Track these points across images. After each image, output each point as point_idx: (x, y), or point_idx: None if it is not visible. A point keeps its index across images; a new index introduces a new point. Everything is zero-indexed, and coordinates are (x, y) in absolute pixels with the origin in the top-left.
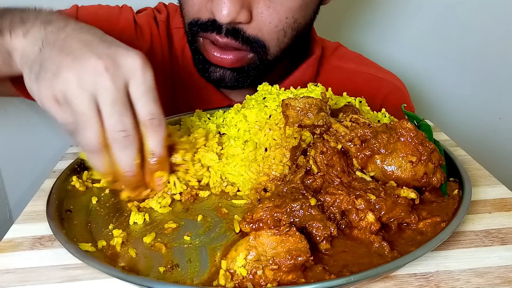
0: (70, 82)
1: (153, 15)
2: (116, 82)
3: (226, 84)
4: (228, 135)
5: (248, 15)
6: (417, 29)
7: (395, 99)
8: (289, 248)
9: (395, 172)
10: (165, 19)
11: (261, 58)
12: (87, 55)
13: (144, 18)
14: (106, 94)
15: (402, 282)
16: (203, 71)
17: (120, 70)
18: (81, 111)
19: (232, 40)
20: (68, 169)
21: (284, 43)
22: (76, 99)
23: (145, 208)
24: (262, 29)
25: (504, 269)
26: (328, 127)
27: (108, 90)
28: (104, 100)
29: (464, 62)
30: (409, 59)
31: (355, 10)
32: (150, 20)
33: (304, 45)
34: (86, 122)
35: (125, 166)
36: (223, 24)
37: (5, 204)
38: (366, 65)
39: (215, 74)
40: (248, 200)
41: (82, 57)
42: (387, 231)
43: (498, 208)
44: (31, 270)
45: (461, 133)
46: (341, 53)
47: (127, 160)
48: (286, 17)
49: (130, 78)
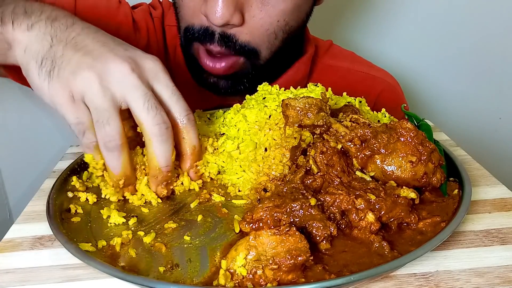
0: (93, 82)
1: (148, 11)
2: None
3: (220, 91)
4: (228, 135)
5: (241, 18)
6: (417, 27)
7: (388, 97)
8: (289, 248)
9: (395, 172)
10: (160, 15)
11: (253, 63)
12: (109, 55)
13: (141, 14)
14: (137, 91)
15: (402, 282)
16: (197, 77)
17: (145, 72)
18: (104, 108)
19: (225, 49)
20: (68, 169)
21: (275, 46)
22: (98, 97)
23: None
24: (253, 33)
25: (504, 269)
26: (328, 127)
27: (139, 88)
28: (136, 98)
29: (464, 62)
30: (409, 59)
31: (349, 8)
32: (147, 16)
33: (297, 44)
34: (109, 117)
35: (163, 160)
36: (216, 30)
37: (5, 204)
38: (359, 64)
39: (209, 80)
40: (248, 200)
41: (104, 57)
42: (387, 231)
43: (498, 208)
44: (31, 270)
45: (461, 133)
46: (334, 52)
47: (165, 154)
48: (277, 20)
49: (154, 80)
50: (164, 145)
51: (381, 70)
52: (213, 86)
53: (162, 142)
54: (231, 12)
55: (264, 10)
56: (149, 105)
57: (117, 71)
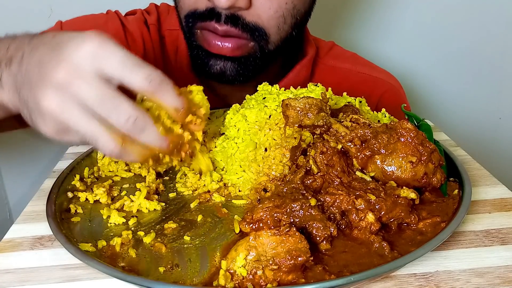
0: (52, 112)
1: (143, 19)
2: (87, 82)
3: (227, 78)
4: (227, 135)
5: (248, 1)
6: (417, 28)
7: (391, 98)
8: (289, 248)
9: (395, 172)
10: (155, 21)
11: (262, 47)
12: (41, 84)
13: (134, 23)
14: (88, 100)
15: (402, 282)
16: (202, 66)
17: (80, 69)
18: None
19: (231, 28)
20: (68, 169)
21: (284, 30)
22: (72, 123)
23: None
24: (261, 16)
25: (504, 269)
26: (328, 128)
27: (85, 95)
28: (92, 105)
29: (464, 62)
30: (409, 59)
31: (351, 9)
32: (141, 25)
33: (297, 46)
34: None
35: (155, 144)
36: (222, 11)
37: (5, 204)
38: (361, 65)
39: (215, 67)
40: (248, 200)
41: (39, 86)
42: (387, 231)
43: (498, 208)
44: (31, 270)
45: (461, 133)
46: (336, 53)
47: (153, 139)
48: (285, 2)
49: (97, 66)
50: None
51: (383, 71)
52: (220, 74)
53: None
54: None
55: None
56: (107, 107)
57: (58, 92)
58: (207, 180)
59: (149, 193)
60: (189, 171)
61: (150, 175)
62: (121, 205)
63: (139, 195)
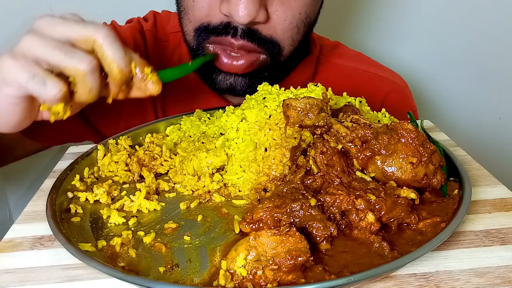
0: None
1: (137, 27)
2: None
3: (237, 93)
4: (227, 135)
5: (266, 14)
6: (419, 28)
7: (396, 98)
8: (289, 248)
9: (396, 173)
10: (151, 27)
11: (274, 59)
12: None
13: (128, 32)
14: (37, 51)
15: (402, 282)
16: (211, 80)
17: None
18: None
19: (248, 42)
20: (68, 169)
21: (297, 41)
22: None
23: None
24: (276, 28)
25: (504, 269)
26: (328, 128)
27: (37, 49)
28: (42, 55)
29: (465, 62)
30: (410, 59)
31: (357, 9)
32: (135, 33)
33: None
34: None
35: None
36: (240, 26)
37: (5, 204)
38: (367, 64)
39: (225, 83)
40: (248, 200)
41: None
42: (387, 231)
43: (498, 208)
44: (31, 270)
45: (461, 133)
46: (341, 52)
47: (118, 51)
48: (300, 12)
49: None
50: (114, 44)
51: (389, 70)
52: (229, 89)
53: (111, 42)
54: (257, 9)
55: (286, 3)
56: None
57: None
58: (207, 180)
59: (149, 193)
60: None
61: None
62: (121, 205)
63: (139, 195)
